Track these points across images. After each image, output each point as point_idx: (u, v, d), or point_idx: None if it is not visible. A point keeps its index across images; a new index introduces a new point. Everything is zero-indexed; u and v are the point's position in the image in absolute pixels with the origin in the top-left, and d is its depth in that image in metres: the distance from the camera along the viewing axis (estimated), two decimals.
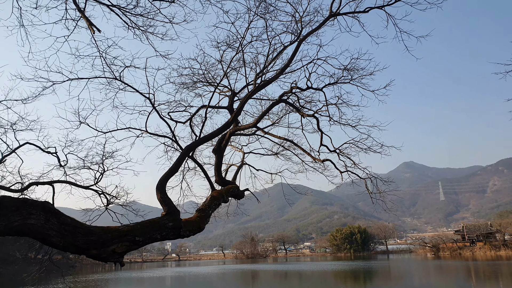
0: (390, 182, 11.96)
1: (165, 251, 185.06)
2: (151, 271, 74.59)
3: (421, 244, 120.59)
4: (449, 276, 39.92)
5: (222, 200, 8.11)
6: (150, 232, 6.28)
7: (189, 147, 7.33)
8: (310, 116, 9.97)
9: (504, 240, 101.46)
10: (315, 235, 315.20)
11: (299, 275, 47.62)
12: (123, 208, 11.21)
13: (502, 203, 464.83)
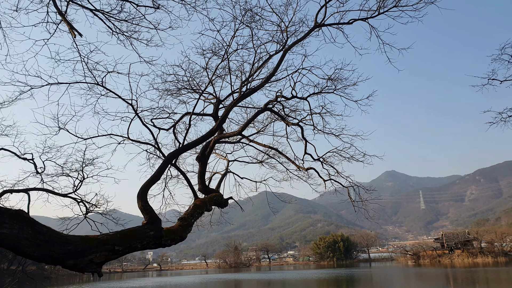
0: (373, 190, 12.06)
1: (146, 261, 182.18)
2: (131, 281, 73.19)
3: (402, 252, 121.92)
4: (429, 283, 40.32)
5: (205, 208, 7.99)
6: (130, 241, 6.12)
7: (172, 155, 7.22)
8: (295, 124, 10.00)
9: (480, 247, 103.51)
10: (299, 243, 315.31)
11: (282, 284, 47.40)
12: (103, 216, 10.96)
13: (479, 211, 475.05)
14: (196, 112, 9.00)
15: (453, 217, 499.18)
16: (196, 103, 8.45)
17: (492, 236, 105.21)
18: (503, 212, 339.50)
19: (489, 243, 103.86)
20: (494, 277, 42.16)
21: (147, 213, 6.64)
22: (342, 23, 8.08)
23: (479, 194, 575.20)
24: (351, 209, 12.05)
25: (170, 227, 6.98)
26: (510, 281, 37.43)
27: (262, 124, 11.17)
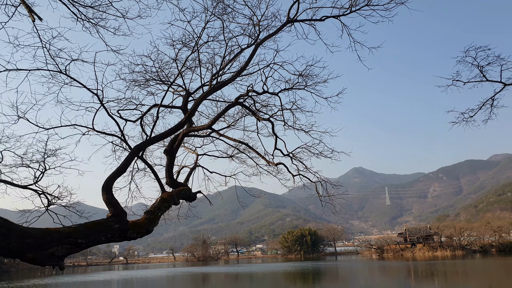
0: (340, 186, 12.29)
1: (112, 254, 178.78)
2: (96, 274, 71.69)
3: (367, 246, 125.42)
4: (392, 276, 41.68)
5: (172, 202, 7.89)
6: (94, 234, 5.97)
7: (138, 147, 7.06)
8: (266, 120, 10.01)
9: (440, 241, 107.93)
10: (267, 237, 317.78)
11: (250, 277, 47.71)
12: (66, 209, 10.61)
13: (441, 207, 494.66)
14: (165, 104, 8.83)
15: (417, 213, 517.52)
16: (165, 95, 8.27)
17: (451, 231, 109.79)
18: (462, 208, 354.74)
19: (448, 237, 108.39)
20: (452, 270, 44.05)
21: (112, 206, 6.49)
22: (314, 20, 8.12)
23: (441, 191, 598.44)
24: (319, 204, 12.25)
25: (136, 220, 6.86)
26: (466, 273, 39.21)
27: (233, 118, 11.11)
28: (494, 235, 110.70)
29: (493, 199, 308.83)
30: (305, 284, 36.66)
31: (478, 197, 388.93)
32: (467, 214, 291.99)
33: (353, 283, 36.38)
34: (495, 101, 9.43)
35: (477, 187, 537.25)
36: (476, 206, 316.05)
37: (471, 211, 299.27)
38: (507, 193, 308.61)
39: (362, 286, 33.70)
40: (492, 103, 9.45)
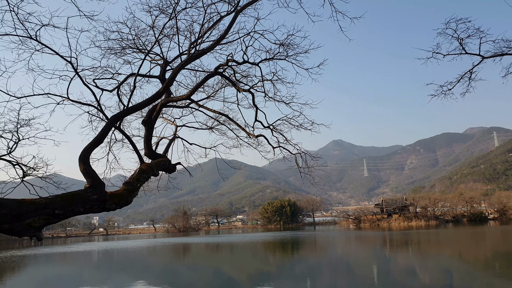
0: (319, 158, 12.41)
1: (92, 226, 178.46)
2: (76, 245, 71.68)
3: (344, 216, 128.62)
4: (368, 245, 43.11)
5: (151, 173, 7.83)
6: (72, 205, 5.89)
7: (115, 117, 6.91)
8: (246, 91, 9.90)
9: (415, 212, 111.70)
10: (248, 208, 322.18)
11: (230, 246, 48.56)
12: (42, 180, 10.42)
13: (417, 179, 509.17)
14: (142, 73, 8.58)
15: (393, 185, 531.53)
16: (142, 63, 8.03)
17: (426, 202, 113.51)
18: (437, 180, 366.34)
19: (423, 208, 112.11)
20: (425, 239, 45.83)
21: (89, 177, 6.40)
22: None
23: (418, 163, 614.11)
24: (299, 176, 12.38)
25: (115, 191, 6.79)
26: (438, 242, 40.90)
27: (212, 89, 10.95)
28: (466, 205, 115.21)
29: (467, 171, 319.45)
30: (284, 253, 37.59)
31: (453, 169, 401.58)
32: (442, 186, 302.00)
33: (331, 251, 37.51)
34: (473, 74, 9.57)
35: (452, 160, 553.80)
36: (451, 178, 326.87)
37: (445, 183, 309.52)
38: (480, 165, 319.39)
39: (339, 254, 34.79)
40: (470, 76, 9.58)
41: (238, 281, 21.54)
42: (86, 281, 23.54)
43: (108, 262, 36.70)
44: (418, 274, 20.32)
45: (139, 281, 22.30)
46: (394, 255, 30.71)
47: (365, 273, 22.16)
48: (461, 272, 20.13)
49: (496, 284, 16.01)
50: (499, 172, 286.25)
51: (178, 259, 37.17)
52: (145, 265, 32.20)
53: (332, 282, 19.28)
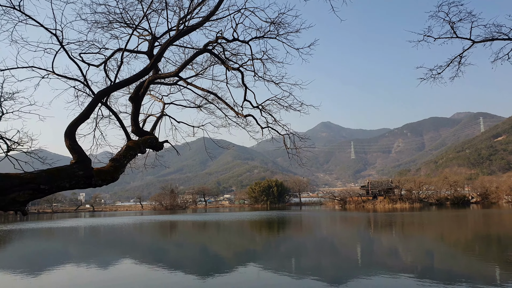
0: (307, 139, 12.48)
1: (78, 202, 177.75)
2: (63, 221, 71.55)
3: (330, 197, 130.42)
4: (352, 225, 43.92)
5: (138, 150, 7.80)
6: (57, 180, 5.86)
7: (102, 92, 6.82)
8: (235, 69, 9.81)
9: (400, 194, 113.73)
10: (235, 187, 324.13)
11: (217, 225, 49.01)
12: (27, 155, 10.30)
13: (403, 162, 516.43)
14: (129, 49, 8.42)
15: (380, 167, 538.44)
16: (129, 38, 7.88)
17: (411, 185, 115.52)
18: (423, 164, 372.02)
19: (408, 191, 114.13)
20: (409, 220, 46.86)
21: (75, 153, 6.35)
22: None
23: (405, 146, 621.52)
24: (286, 157, 12.47)
25: (101, 167, 6.77)
26: (421, 224, 41.87)
27: (201, 66, 10.82)
28: (450, 189, 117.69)
29: (452, 155, 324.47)
30: (270, 232, 38.10)
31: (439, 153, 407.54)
32: (427, 169, 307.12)
33: (316, 231, 38.13)
34: (463, 59, 9.62)
35: (438, 144, 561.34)
36: (436, 162, 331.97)
37: (431, 167, 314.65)
38: (466, 150, 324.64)
39: (324, 234, 35.40)
40: (460, 61, 9.64)
41: (224, 258, 21.84)
42: (72, 257, 23.63)
43: (94, 238, 36.80)
44: (401, 254, 20.84)
45: (126, 257, 22.46)
46: (378, 236, 31.37)
47: (349, 252, 22.65)
48: (442, 253, 20.71)
49: (475, 265, 16.53)
50: (483, 157, 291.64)
51: (165, 237, 37.44)
52: (132, 242, 32.39)
53: (317, 261, 19.68)
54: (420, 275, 14.37)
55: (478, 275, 14.23)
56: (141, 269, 17.74)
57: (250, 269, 16.93)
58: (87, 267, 18.75)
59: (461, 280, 13.27)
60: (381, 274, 14.65)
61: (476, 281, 12.93)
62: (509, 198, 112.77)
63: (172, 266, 18.22)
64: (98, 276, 16.33)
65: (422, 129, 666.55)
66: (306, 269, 16.78)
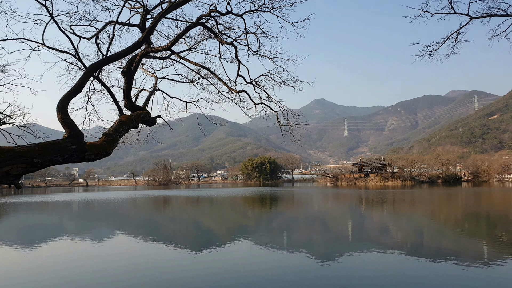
0: (300, 116, 12.50)
1: (72, 176, 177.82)
2: (57, 195, 71.75)
3: (323, 174, 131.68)
4: (344, 202, 44.56)
5: (131, 125, 7.78)
6: (51, 154, 5.86)
7: (94, 66, 6.74)
8: (229, 43, 9.69)
9: (392, 172, 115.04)
10: (228, 164, 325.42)
11: (210, 200, 49.45)
12: (19, 129, 10.23)
13: (396, 140, 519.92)
14: (121, 21, 8.28)
15: (372, 145, 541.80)
16: (121, 11, 7.72)
17: (403, 163, 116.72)
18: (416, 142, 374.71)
19: (400, 168, 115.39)
20: (400, 198, 47.57)
21: (68, 127, 6.33)
22: None
23: (398, 124, 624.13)
24: (279, 134, 12.51)
25: (94, 142, 6.76)
26: (412, 201, 42.55)
27: (194, 40, 10.67)
28: (442, 167, 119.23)
29: (445, 133, 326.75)
30: (262, 208, 38.57)
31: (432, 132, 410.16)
32: (420, 147, 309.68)
33: (308, 207, 38.66)
34: (459, 35, 9.56)
35: (432, 122, 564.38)
36: (429, 140, 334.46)
37: (424, 145, 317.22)
38: (459, 129, 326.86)
39: (315, 210, 35.89)
40: (457, 37, 9.58)
41: (217, 233, 22.15)
42: (67, 230, 23.83)
43: (88, 212, 37.02)
44: (391, 231, 21.26)
45: (120, 231, 22.71)
46: (369, 213, 31.88)
47: (340, 229, 23.06)
48: (431, 230, 21.15)
49: (463, 241, 16.94)
50: (476, 136, 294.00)
51: (158, 211, 37.76)
52: (125, 216, 32.67)
53: (308, 236, 20.04)
54: (409, 251, 14.72)
55: (466, 252, 14.61)
56: (135, 243, 17.97)
57: (242, 244, 17.22)
58: (82, 240, 18.96)
59: (449, 256, 13.62)
60: (371, 250, 14.99)
61: (464, 258, 13.29)
62: (499, 176, 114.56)
63: (166, 240, 18.48)
64: (93, 249, 16.54)
65: (416, 107, 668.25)
66: (297, 244, 17.11)
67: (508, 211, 30.86)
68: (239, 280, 10.94)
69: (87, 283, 11.06)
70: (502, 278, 10.85)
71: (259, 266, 12.81)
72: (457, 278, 10.85)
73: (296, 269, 12.19)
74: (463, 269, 11.78)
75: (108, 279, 11.55)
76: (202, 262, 13.44)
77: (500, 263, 12.54)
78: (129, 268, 12.86)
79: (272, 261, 13.46)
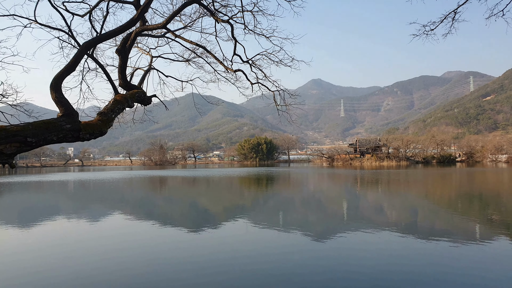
0: (297, 96, 12.45)
1: (67, 156, 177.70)
2: (52, 175, 71.75)
3: (319, 155, 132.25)
4: (339, 182, 44.90)
5: (126, 104, 7.70)
6: (45, 133, 5.80)
7: (87, 44, 6.62)
8: (225, 21, 9.55)
9: (388, 152, 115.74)
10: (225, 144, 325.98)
11: (206, 180, 49.65)
12: (13, 108, 10.10)
13: (392, 121, 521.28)
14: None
15: (368, 125, 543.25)
16: None
17: (399, 143, 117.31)
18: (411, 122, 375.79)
19: (395, 149, 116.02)
20: (394, 178, 47.97)
21: (62, 106, 6.26)
22: None
23: (394, 105, 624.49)
24: (276, 114, 12.48)
25: (89, 121, 6.70)
26: (407, 181, 42.93)
27: (189, 18, 10.50)
28: (437, 147, 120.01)
29: (441, 114, 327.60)
30: (258, 188, 38.80)
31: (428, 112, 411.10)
32: (415, 128, 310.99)
33: (303, 187, 38.93)
34: (457, 15, 9.46)
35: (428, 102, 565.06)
36: (425, 121, 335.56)
37: (419, 125, 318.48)
38: (454, 109, 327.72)
39: (311, 190, 36.17)
40: (454, 17, 9.47)
41: (213, 212, 22.31)
42: (63, 210, 23.91)
43: (84, 192, 37.12)
44: (385, 211, 21.49)
45: (116, 211, 22.81)
46: (364, 193, 32.15)
47: (335, 208, 23.29)
48: (425, 210, 21.40)
49: (456, 221, 17.16)
50: (471, 117, 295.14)
51: (154, 191, 37.91)
52: (121, 196, 32.78)
53: (304, 215, 20.23)
54: (403, 230, 14.92)
55: (459, 231, 14.83)
56: (131, 223, 18.09)
57: (238, 223, 17.37)
58: (78, 220, 19.04)
59: (442, 235, 13.82)
60: (365, 229, 15.17)
61: (457, 237, 13.49)
62: (493, 157, 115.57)
63: (162, 220, 18.60)
64: (90, 229, 16.63)
65: (412, 88, 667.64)
66: (293, 223, 17.28)
67: (500, 191, 31.23)
68: (235, 258, 11.08)
69: (82, 262, 11.15)
70: (492, 256, 11.05)
71: (255, 245, 12.96)
72: (448, 255, 11.04)
73: (292, 248, 12.35)
74: (455, 247, 11.98)
75: (104, 257, 11.66)
76: (199, 241, 13.57)
77: (491, 242, 12.76)
78: (125, 247, 12.97)
79: (268, 240, 13.61)
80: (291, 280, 8.99)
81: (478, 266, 9.98)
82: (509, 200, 25.32)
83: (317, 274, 9.46)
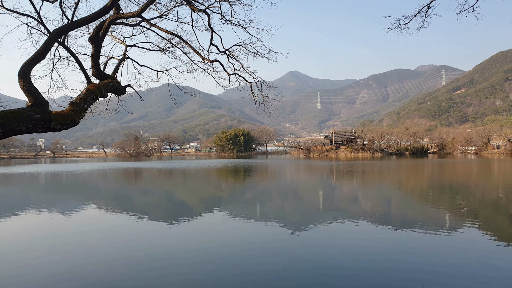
0: (274, 87, 12.45)
1: (38, 148, 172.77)
2: (21, 167, 69.58)
3: (295, 146, 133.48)
4: (315, 173, 45.41)
5: (99, 94, 7.50)
6: (12, 123, 5.59)
7: (58, 31, 6.38)
8: (201, 11, 9.40)
9: (363, 144, 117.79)
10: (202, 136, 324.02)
11: (183, 172, 49.26)
12: None
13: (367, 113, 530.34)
14: None
15: (344, 118, 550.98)
16: None
17: (373, 135, 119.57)
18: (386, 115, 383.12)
19: (370, 141, 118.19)
20: (369, 169, 48.87)
21: (31, 95, 6.04)
22: None
23: (369, 97, 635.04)
24: (253, 106, 12.44)
25: (60, 111, 6.49)
26: (381, 172, 43.83)
27: (165, 7, 10.27)
28: (410, 139, 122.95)
29: (414, 107, 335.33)
30: (236, 180, 38.80)
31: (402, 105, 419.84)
32: (389, 120, 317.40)
33: (280, 178, 39.18)
34: (430, 9, 9.64)
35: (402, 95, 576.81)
36: (399, 113, 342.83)
37: (393, 118, 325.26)
38: (427, 102, 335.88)
39: (287, 181, 36.43)
40: (427, 11, 9.66)
41: (190, 205, 22.19)
42: (33, 203, 23.24)
43: (56, 185, 36.19)
44: (360, 201, 21.87)
45: (90, 204, 22.36)
46: (339, 184, 32.64)
47: (311, 199, 23.54)
48: (398, 200, 21.90)
49: (427, 210, 17.64)
50: (442, 109, 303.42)
51: (129, 184, 37.36)
52: (95, 189, 32.14)
53: (280, 206, 20.37)
54: (377, 220, 15.23)
55: (430, 220, 15.24)
56: (106, 217, 17.77)
57: (215, 214, 17.33)
58: (51, 215, 18.55)
59: (414, 225, 14.18)
60: (340, 219, 15.41)
61: (428, 226, 13.87)
62: (462, 148, 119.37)
63: (138, 213, 18.35)
64: (62, 222, 16.25)
65: (387, 81, 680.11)
66: (269, 214, 17.37)
67: (468, 182, 32.35)
68: (211, 250, 11.05)
69: (55, 257, 10.89)
70: (460, 243, 11.42)
71: (231, 237, 12.96)
72: (420, 243, 11.35)
73: (269, 237, 12.42)
74: (426, 235, 12.32)
75: (78, 252, 11.42)
76: (176, 234, 13.46)
77: (460, 230, 13.19)
78: (100, 242, 12.73)
79: (245, 232, 13.64)
80: (269, 269, 9.04)
81: (448, 252, 10.29)
82: (476, 190, 26.25)
83: (294, 261, 9.58)
